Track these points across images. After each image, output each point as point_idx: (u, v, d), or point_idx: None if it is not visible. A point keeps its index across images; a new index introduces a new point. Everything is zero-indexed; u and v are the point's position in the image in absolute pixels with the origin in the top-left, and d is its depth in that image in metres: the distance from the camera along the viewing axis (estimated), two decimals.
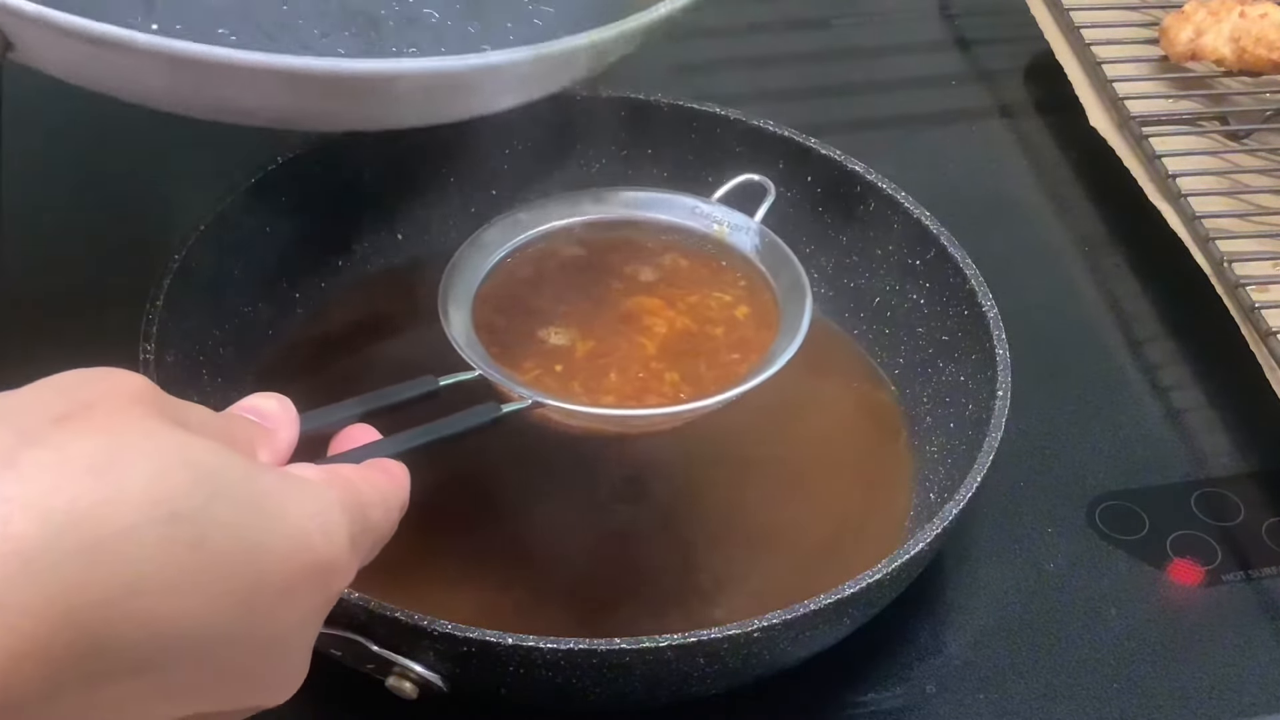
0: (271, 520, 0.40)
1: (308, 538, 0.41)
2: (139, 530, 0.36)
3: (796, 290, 0.67)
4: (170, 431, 0.39)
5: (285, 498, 0.41)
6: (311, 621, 0.42)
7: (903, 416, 0.73)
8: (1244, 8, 0.86)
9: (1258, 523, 0.72)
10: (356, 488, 0.45)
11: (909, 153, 0.91)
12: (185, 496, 0.37)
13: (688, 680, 0.58)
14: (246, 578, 0.38)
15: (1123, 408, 0.78)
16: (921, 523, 0.64)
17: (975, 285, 0.71)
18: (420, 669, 0.57)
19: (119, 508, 0.36)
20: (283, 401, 0.48)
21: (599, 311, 0.67)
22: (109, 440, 0.37)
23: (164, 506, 0.37)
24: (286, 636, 0.41)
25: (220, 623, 0.38)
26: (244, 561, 0.38)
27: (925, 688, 0.65)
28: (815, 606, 0.57)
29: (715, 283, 0.69)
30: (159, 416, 0.39)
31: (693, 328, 0.67)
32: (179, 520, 0.37)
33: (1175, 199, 0.82)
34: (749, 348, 0.66)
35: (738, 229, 0.70)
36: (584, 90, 0.79)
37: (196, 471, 0.38)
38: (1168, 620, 0.68)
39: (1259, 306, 0.75)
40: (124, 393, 0.39)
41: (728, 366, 0.65)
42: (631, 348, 0.66)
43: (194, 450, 0.38)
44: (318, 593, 0.41)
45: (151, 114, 0.92)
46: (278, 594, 0.40)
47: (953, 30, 1.03)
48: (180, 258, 0.68)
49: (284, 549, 0.40)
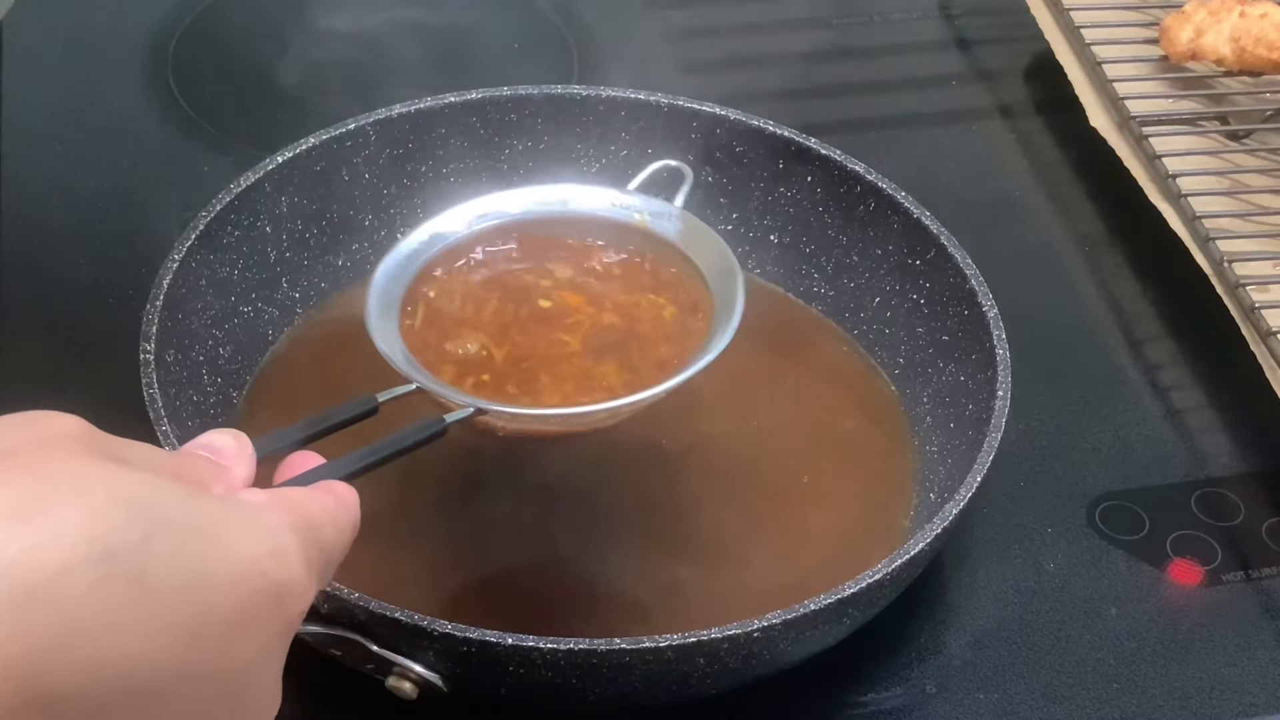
0: (215, 548, 0.38)
1: (257, 563, 0.39)
2: (73, 573, 0.35)
3: (727, 271, 0.65)
4: (102, 468, 0.37)
5: (230, 524, 0.39)
6: (273, 648, 0.41)
7: (903, 417, 0.73)
8: (1244, 8, 0.86)
9: (1258, 523, 0.72)
10: (306, 508, 0.43)
11: (909, 153, 0.91)
12: (120, 532, 0.36)
13: (688, 680, 0.58)
14: (192, 610, 0.37)
15: (1123, 408, 0.78)
16: (921, 523, 0.64)
17: (975, 285, 0.71)
18: (420, 669, 0.57)
19: (49, 552, 0.35)
20: (238, 437, 0.46)
21: (522, 314, 0.65)
22: (33, 483, 0.36)
23: (98, 545, 0.35)
24: (246, 666, 0.40)
25: (170, 660, 0.37)
26: (188, 593, 0.37)
27: (925, 688, 0.65)
28: (815, 606, 0.57)
29: (641, 273, 0.67)
30: (89, 454, 0.38)
31: (619, 320, 0.66)
32: (115, 558, 0.35)
33: (1175, 199, 0.82)
34: (685, 334, 0.64)
35: (659, 216, 0.68)
36: (584, 89, 0.79)
37: (131, 506, 0.36)
38: (1168, 620, 0.68)
39: (1259, 306, 0.75)
40: (51, 434, 0.38)
41: (664, 355, 0.64)
42: (557, 346, 0.64)
43: (127, 485, 0.37)
44: (274, 618, 0.40)
45: (151, 114, 0.92)
46: (229, 624, 0.38)
47: (953, 30, 1.03)
48: (180, 258, 0.68)
49: (231, 576, 0.38)
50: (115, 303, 0.77)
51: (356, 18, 0.97)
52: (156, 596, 0.36)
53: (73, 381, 0.74)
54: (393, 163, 0.77)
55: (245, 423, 0.70)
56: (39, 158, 0.87)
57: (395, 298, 0.64)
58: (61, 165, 0.86)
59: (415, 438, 0.54)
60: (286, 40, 0.95)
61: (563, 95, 0.79)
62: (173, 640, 0.37)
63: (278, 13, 0.97)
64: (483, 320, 0.65)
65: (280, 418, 0.70)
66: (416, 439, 0.54)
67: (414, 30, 0.97)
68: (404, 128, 0.77)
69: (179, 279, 0.68)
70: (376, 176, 0.77)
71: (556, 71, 0.94)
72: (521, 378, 0.63)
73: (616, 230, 0.68)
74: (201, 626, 0.37)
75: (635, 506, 0.69)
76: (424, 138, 0.77)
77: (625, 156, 0.79)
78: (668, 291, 0.67)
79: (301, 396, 0.72)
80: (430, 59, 0.94)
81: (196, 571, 0.37)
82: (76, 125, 0.90)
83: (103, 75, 0.93)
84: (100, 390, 0.71)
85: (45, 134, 0.89)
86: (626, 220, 0.68)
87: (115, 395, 0.66)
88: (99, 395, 0.71)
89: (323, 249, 0.76)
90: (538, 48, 0.97)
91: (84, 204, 0.84)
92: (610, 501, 0.69)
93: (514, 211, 0.68)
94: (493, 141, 0.79)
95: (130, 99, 0.91)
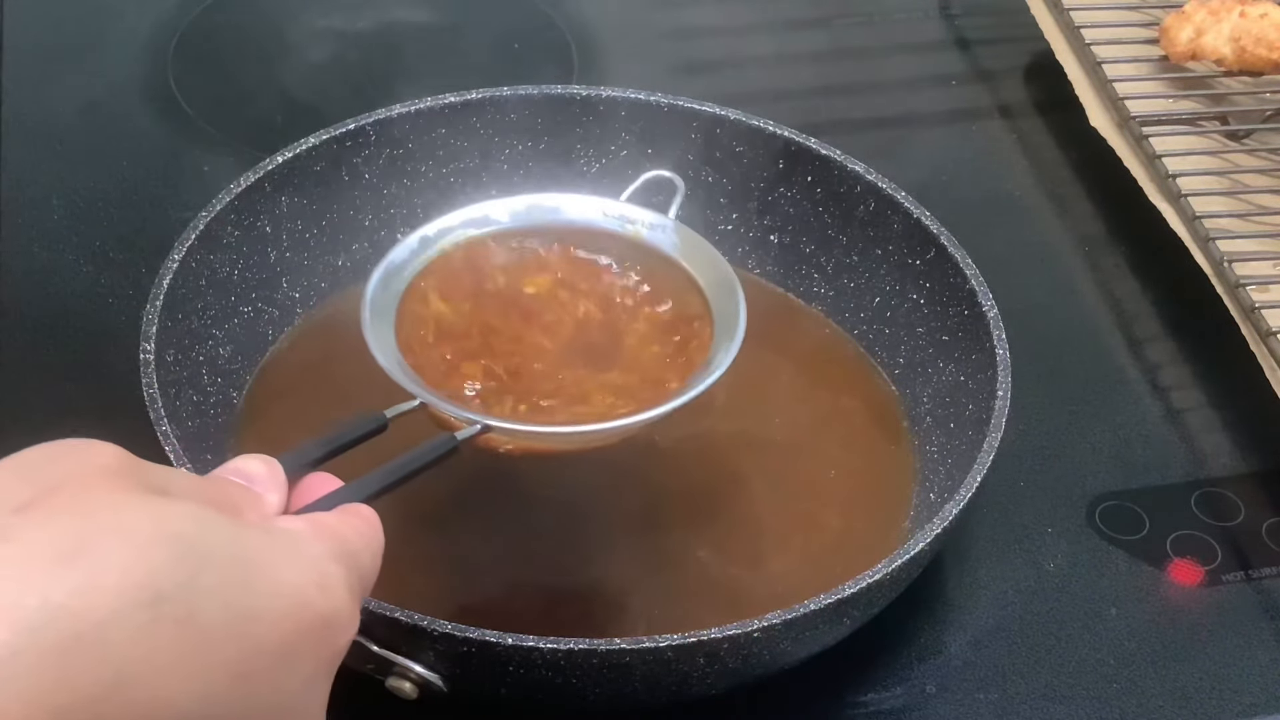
0: (262, 582, 0.38)
1: (303, 594, 0.39)
2: (121, 617, 0.34)
3: (726, 286, 0.65)
4: (145, 503, 0.37)
5: (276, 556, 0.39)
6: (320, 680, 0.40)
7: (903, 417, 0.73)
8: (1244, 8, 0.86)
9: (1258, 523, 0.72)
10: (344, 535, 0.43)
11: (909, 153, 0.91)
12: (168, 573, 0.35)
13: (688, 680, 0.58)
14: (242, 647, 0.37)
15: (1123, 408, 0.78)
16: (921, 523, 0.64)
17: (975, 285, 0.71)
18: (420, 669, 0.57)
19: (96, 596, 0.34)
20: (269, 463, 0.46)
21: (519, 327, 0.65)
22: (78, 524, 0.35)
23: (147, 589, 0.35)
24: (294, 700, 0.39)
25: (219, 697, 0.36)
26: (238, 630, 0.37)
27: (925, 688, 0.65)
28: (815, 606, 0.57)
29: (639, 285, 0.67)
30: (132, 489, 0.37)
31: (623, 334, 0.65)
32: (164, 600, 0.35)
33: (1175, 199, 0.82)
34: (688, 347, 0.64)
35: (654, 228, 0.68)
36: (584, 89, 0.79)
37: (178, 545, 0.36)
38: (1168, 620, 0.68)
39: (1259, 306, 0.75)
40: (92, 468, 0.37)
41: (669, 369, 0.63)
42: (558, 360, 0.64)
43: (173, 521, 0.36)
44: (321, 650, 0.40)
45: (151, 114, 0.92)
46: (277, 658, 0.38)
47: (953, 30, 1.03)
48: (180, 258, 0.68)
49: (279, 610, 0.38)
50: (115, 303, 0.77)
51: (356, 18, 0.97)
52: (206, 635, 0.36)
53: (73, 381, 0.74)
54: (393, 163, 0.77)
55: (245, 423, 0.70)
56: (39, 158, 0.87)
57: (389, 308, 0.63)
58: (61, 165, 0.86)
59: (428, 458, 0.54)
60: (286, 40, 0.95)
61: (563, 95, 0.79)
62: (222, 678, 0.36)
63: (278, 13, 0.97)
64: (478, 333, 0.64)
65: (280, 418, 0.71)
66: (429, 459, 0.54)
67: (414, 30, 0.97)
68: (404, 128, 0.77)
69: (179, 279, 0.68)
70: (376, 176, 0.77)
71: (556, 71, 0.94)
72: (523, 392, 0.62)
73: (612, 241, 0.68)
74: (250, 662, 0.37)
75: (634, 507, 0.69)
76: (424, 138, 0.77)
77: (625, 157, 0.79)
78: (668, 304, 0.66)
79: (302, 397, 0.72)
80: (430, 59, 0.94)
81: (245, 607, 0.37)
82: (76, 125, 0.90)
83: (103, 75, 0.93)
84: (100, 390, 0.72)
85: (45, 134, 0.89)
86: (620, 231, 0.68)
87: (115, 395, 0.66)
88: (99, 395, 0.72)
89: (323, 249, 0.76)
90: (538, 48, 0.97)
91: (84, 204, 0.84)
92: (609, 502, 0.69)
93: (504, 220, 0.68)
94: (493, 141, 0.79)
95: (130, 99, 0.91)
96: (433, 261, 0.66)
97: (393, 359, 0.61)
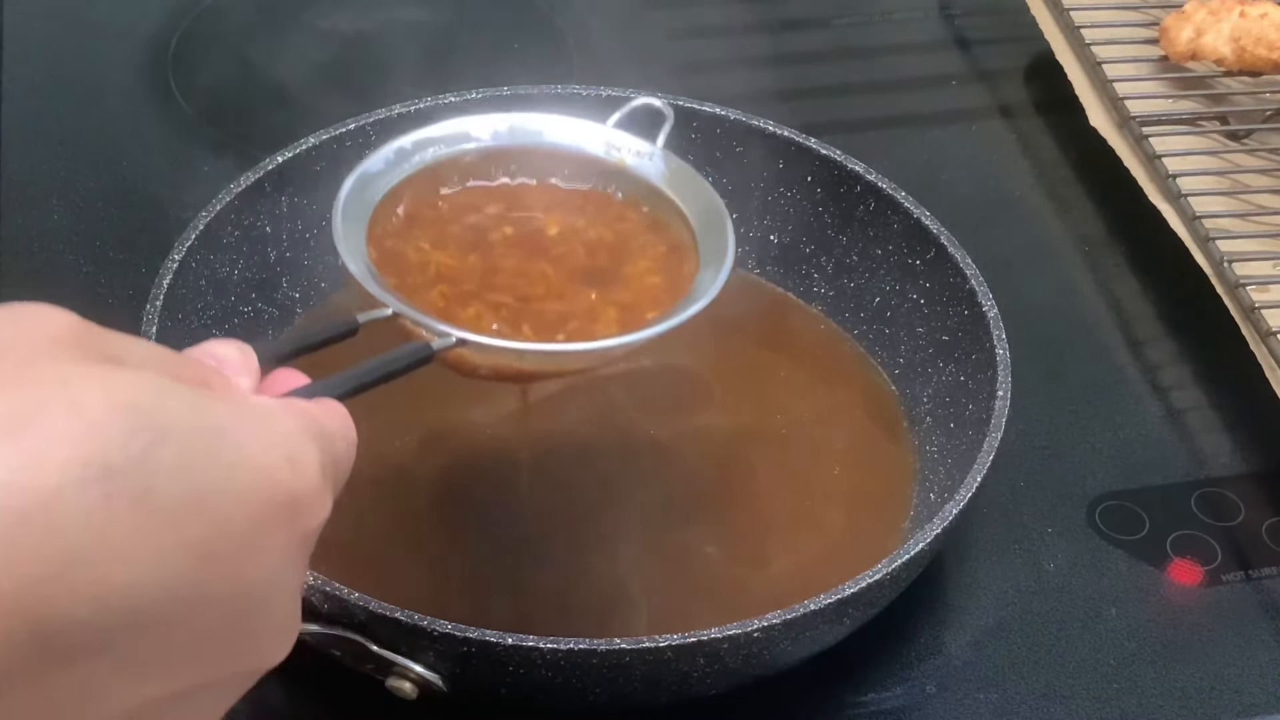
0: (227, 456, 0.35)
1: (272, 471, 0.36)
2: (69, 493, 0.31)
3: (714, 215, 0.64)
4: (98, 373, 0.34)
5: (242, 430, 0.36)
6: (289, 565, 0.37)
7: (903, 417, 0.73)
8: (1244, 8, 0.86)
9: (1258, 523, 0.72)
10: (317, 417, 0.40)
11: (909, 153, 0.91)
12: (121, 446, 0.32)
13: (688, 680, 0.58)
14: (204, 527, 0.34)
15: (1123, 408, 0.78)
16: (921, 523, 0.64)
17: (975, 285, 0.71)
18: (420, 669, 0.57)
19: (42, 471, 0.31)
20: (243, 348, 0.43)
21: (499, 245, 0.63)
22: (22, 395, 0.32)
23: (97, 463, 0.32)
24: (263, 586, 0.36)
25: (179, 582, 0.33)
26: (199, 509, 0.34)
27: (925, 688, 0.65)
28: (815, 606, 0.57)
29: (625, 210, 0.66)
30: (84, 358, 0.34)
31: (605, 258, 0.64)
32: (116, 474, 0.32)
33: (1175, 199, 0.82)
34: (674, 276, 0.63)
35: (641, 156, 0.67)
36: (584, 89, 0.79)
37: (133, 415, 0.33)
38: (1168, 620, 0.68)
39: (1259, 306, 0.75)
40: (40, 336, 0.34)
41: (646, 298, 0.62)
42: (539, 280, 0.62)
43: (127, 389, 0.33)
44: (291, 532, 0.37)
45: (151, 114, 0.92)
46: (242, 540, 0.35)
47: (953, 30, 1.03)
48: (180, 258, 0.68)
49: (244, 487, 0.35)
50: (115, 303, 0.77)
51: (356, 18, 0.97)
52: (163, 514, 0.33)
53: None
54: None
55: None
56: (39, 158, 0.87)
57: (362, 218, 0.61)
58: (61, 165, 0.86)
59: (402, 363, 0.53)
60: (286, 40, 0.95)
61: (562, 95, 0.79)
62: (182, 561, 0.34)
63: (278, 13, 0.97)
64: (456, 249, 0.63)
65: None
66: (403, 364, 0.53)
67: (414, 30, 0.97)
68: (404, 128, 0.76)
69: (179, 279, 0.68)
70: None
71: (556, 71, 0.94)
72: (505, 312, 0.60)
73: (596, 166, 0.66)
74: (213, 544, 0.34)
75: (634, 507, 0.69)
76: None
77: None
78: (651, 232, 0.65)
79: None
80: (430, 59, 0.94)
81: (207, 483, 0.34)
82: (76, 125, 0.90)
83: (103, 75, 0.93)
84: None
85: (45, 134, 0.89)
86: (605, 157, 0.67)
87: None
88: None
89: (323, 249, 0.76)
90: (537, 47, 0.97)
91: (84, 204, 0.84)
92: (609, 502, 0.69)
93: (485, 138, 0.66)
94: None
95: (130, 99, 0.91)
96: (412, 174, 0.64)
97: (363, 267, 0.59)
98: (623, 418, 0.73)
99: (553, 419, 0.72)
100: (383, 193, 0.63)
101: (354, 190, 0.62)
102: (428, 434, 0.71)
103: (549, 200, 0.66)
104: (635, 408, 0.73)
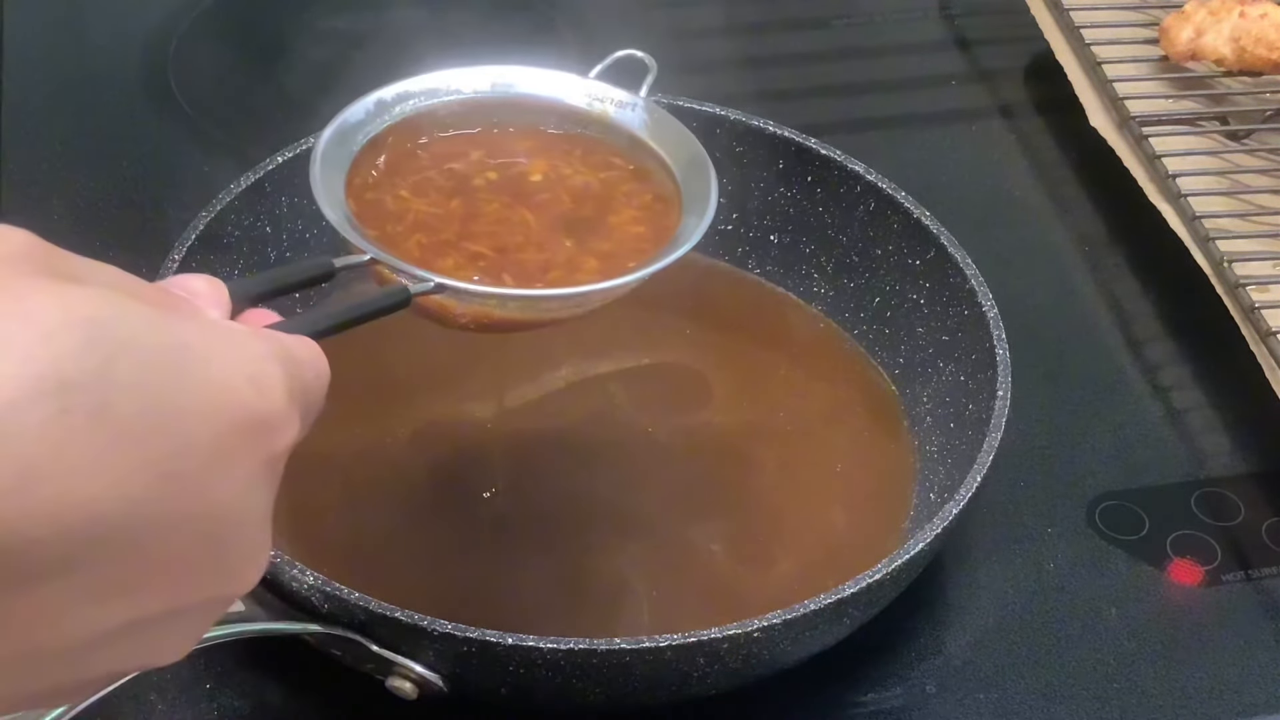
0: (190, 373, 0.34)
1: (236, 391, 0.35)
2: (22, 408, 0.30)
3: (697, 164, 0.64)
4: (53, 288, 0.33)
5: (206, 347, 0.35)
6: (256, 486, 0.36)
7: (903, 417, 0.73)
8: (1244, 8, 0.86)
9: (1258, 523, 0.72)
10: (285, 343, 0.39)
11: (909, 153, 0.91)
12: (77, 360, 0.31)
13: (688, 680, 0.58)
14: (166, 444, 0.33)
15: (1123, 408, 0.78)
16: (921, 523, 0.64)
17: (975, 285, 0.71)
18: (420, 669, 0.57)
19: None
20: (214, 282, 0.42)
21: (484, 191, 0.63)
22: None
23: (51, 377, 0.31)
24: (227, 508, 0.35)
25: (142, 502, 0.33)
26: (160, 426, 0.33)
27: (925, 688, 0.65)
28: (815, 606, 0.57)
29: (604, 160, 0.65)
30: (39, 274, 0.33)
31: (586, 205, 0.63)
32: (72, 388, 0.31)
33: (1175, 199, 0.82)
34: (655, 228, 0.62)
35: (623, 106, 0.66)
36: None
37: (90, 329, 0.32)
38: (1168, 620, 0.68)
39: (1259, 306, 0.75)
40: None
41: (628, 246, 0.62)
42: (519, 228, 0.62)
43: (85, 304, 0.32)
44: (256, 452, 0.36)
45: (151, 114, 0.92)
46: (206, 459, 0.34)
47: (953, 30, 1.03)
48: (180, 258, 0.68)
49: (208, 405, 0.34)
50: None
51: (356, 18, 0.97)
52: (123, 431, 0.32)
53: None
54: None
55: None
56: (39, 158, 0.87)
57: (341, 168, 0.61)
58: (61, 165, 0.86)
59: (379, 305, 0.52)
60: (286, 40, 0.95)
61: None
62: (145, 477, 0.33)
63: (278, 13, 0.97)
64: (437, 196, 0.62)
65: None
66: (380, 306, 0.52)
67: (414, 29, 0.97)
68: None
69: None
70: None
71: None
72: (484, 263, 0.60)
73: (578, 117, 0.66)
74: (176, 462, 0.33)
75: (633, 506, 0.70)
76: None
77: None
78: (634, 182, 0.64)
79: None
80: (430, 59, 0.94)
81: (169, 400, 0.33)
82: (76, 125, 0.90)
83: (103, 75, 0.93)
84: None
85: (45, 134, 0.89)
86: (587, 108, 0.66)
87: None
88: None
89: (323, 249, 0.76)
90: (537, 47, 0.97)
91: (84, 204, 0.84)
92: (609, 502, 0.69)
93: (466, 90, 0.66)
94: None
95: (130, 99, 0.91)
96: (390, 125, 0.64)
97: (341, 215, 0.58)
98: (622, 417, 0.73)
99: (553, 418, 0.73)
100: (362, 143, 0.62)
101: (333, 139, 0.61)
102: (428, 434, 0.71)
103: (533, 146, 0.65)
104: (635, 407, 0.73)
